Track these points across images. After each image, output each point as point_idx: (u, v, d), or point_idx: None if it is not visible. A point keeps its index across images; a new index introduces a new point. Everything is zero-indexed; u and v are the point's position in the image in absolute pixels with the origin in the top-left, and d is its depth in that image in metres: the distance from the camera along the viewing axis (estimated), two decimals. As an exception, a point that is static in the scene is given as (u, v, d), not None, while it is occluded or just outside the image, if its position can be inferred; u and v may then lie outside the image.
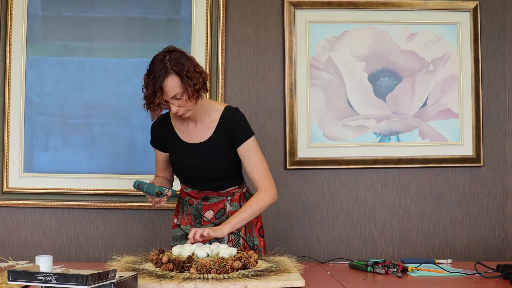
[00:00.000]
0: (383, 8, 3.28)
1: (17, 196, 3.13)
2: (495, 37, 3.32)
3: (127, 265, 2.06)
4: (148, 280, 1.86)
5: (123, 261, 2.12)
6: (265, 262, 2.13)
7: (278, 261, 2.14)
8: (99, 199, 3.15)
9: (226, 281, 1.85)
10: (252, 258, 2.04)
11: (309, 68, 3.24)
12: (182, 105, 2.28)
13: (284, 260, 2.16)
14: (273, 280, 1.88)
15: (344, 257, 3.15)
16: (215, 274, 1.91)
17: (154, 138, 2.53)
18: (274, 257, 2.23)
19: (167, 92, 2.23)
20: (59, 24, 3.18)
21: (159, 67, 2.24)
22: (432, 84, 3.29)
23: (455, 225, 3.28)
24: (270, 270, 1.99)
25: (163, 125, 2.48)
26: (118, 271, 1.76)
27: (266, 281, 1.87)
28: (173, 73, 2.23)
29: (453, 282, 2.07)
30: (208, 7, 3.19)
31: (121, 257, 2.16)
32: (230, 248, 2.09)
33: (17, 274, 1.62)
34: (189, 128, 2.44)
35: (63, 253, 3.14)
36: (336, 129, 3.25)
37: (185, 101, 2.27)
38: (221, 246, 2.12)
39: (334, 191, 3.25)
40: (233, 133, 2.39)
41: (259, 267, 2.03)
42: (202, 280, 1.86)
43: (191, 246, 2.10)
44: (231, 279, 1.88)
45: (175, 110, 2.28)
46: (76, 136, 3.17)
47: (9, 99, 3.15)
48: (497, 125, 3.31)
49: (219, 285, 1.84)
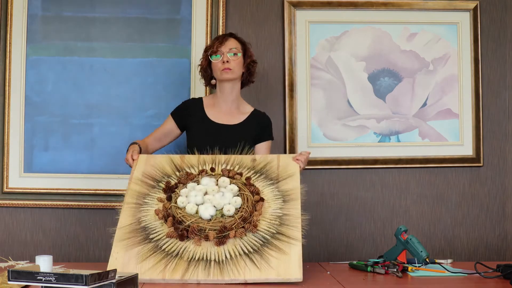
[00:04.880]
0: (383, 8, 3.28)
1: (17, 196, 3.13)
2: (495, 37, 3.32)
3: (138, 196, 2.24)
4: (151, 273, 1.97)
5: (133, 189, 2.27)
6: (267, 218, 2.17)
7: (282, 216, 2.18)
8: (99, 199, 3.15)
9: (227, 274, 1.96)
10: (255, 216, 2.12)
11: (309, 68, 3.24)
12: (234, 61, 2.59)
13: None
14: (272, 275, 1.97)
15: (344, 257, 3.15)
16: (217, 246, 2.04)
17: (179, 111, 2.72)
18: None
19: (227, 44, 2.59)
20: (59, 24, 3.18)
21: (226, 33, 2.69)
22: (432, 84, 3.29)
23: (455, 225, 3.28)
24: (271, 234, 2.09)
25: (195, 104, 2.72)
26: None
27: (265, 275, 1.97)
28: (237, 38, 2.66)
29: (453, 282, 2.07)
30: (208, 7, 3.19)
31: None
32: (234, 199, 2.18)
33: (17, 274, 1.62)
34: (221, 111, 2.68)
35: (63, 253, 3.14)
36: (336, 129, 3.25)
37: (238, 60, 2.60)
38: (227, 195, 2.17)
39: (334, 191, 3.25)
40: (262, 129, 2.69)
41: (261, 229, 2.11)
42: (204, 268, 1.98)
43: (196, 197, 2.18)
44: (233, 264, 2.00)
45: (227, 58, 2.57)
46: (76, 136, 3.16)
47: (9, 99, 3.15)
48: (497, 125, 3.31)
49: (220, 280, 1.95)
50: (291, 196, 2.23)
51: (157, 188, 2.29)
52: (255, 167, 2.35)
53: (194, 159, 2.40)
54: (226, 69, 2.59)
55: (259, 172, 2.34)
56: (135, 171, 2.35)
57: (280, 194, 2.24)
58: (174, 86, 3.15)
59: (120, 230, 2.13)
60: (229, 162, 2.36)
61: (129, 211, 2.20)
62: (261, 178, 2.30)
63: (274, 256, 2.02)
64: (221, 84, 2.66)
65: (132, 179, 2.32)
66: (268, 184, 2.28)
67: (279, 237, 2.09)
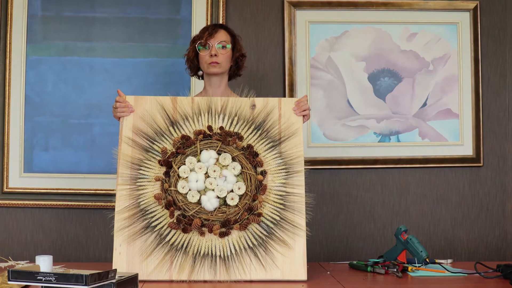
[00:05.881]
0: (383, 8, 3.28)
1: (17, 196, 3.13)
2: (495, 37, 3.32)
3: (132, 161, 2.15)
4: (159, 271, 1.98)
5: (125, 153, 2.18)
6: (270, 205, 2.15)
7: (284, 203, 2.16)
8: (99, 199, 3.15)
9: (233, 274, 1.98)
10: (258, 202, 2.10)
11: (309, 68, 3.24)
12: (223, 55, 2.49)
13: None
14: (277, 274, 2.00)
15: (344, 257, 3.15)
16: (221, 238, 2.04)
17: None
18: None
19: (217, 36, 2.49)
20: (59, 24, 3.18)
21: (216, 24, 2.58)
22: (432, 84, 3.29)
23: (455, 225, 3.28)
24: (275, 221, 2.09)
25: None
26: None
27: (270, 275, 1.99)
28: (227, 29, 2.55)
29: (453, 282, 2.07)
30: (208, 7, 3.19)
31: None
32: (238, 184, 2.11)
33: (17, 274, 1.62)
34: None
35: (63, 253, 3.14)
36: (336, 129, 3.25)
37: (226, 54, 2.50)
38: (230, 179, 2.12)
39: (334, 191, 3.25)
40: None
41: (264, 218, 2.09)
42: (210, 266, 1.99)
43: (197, 182, 2.11)
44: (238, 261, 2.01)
45: (215, 52, 2.47)
46: (76, 136, 3.17)
47: (9, 99, 3.15)
48: (497, 125, 3.31)
49: (227, 279, 1.97)
50: (294, 166, 2.15)
51: (151, 152, 2.16)
52: (255, 117, 2.21)
53: (187, 104, 2.21)
54: (214, 63, 2.49)
55: (259, 128, 2.20)
56: (124, 124, 2.19)
57: (283, 162, 2.16)
58: (174, 86, 3.15)
59: (119, 215, 2.06)
60: (226, 108, 2.21)
61: (126, 191, 2.09)
62: (262, 139, 2.18)
63: (279, 251, 2.03)
64: (209, 77, 2.56)
65: (122, 137, 2.17)
66: (270, 147, 2.17)
67: (283, 224, 2.08)
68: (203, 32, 2.52)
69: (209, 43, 2.49)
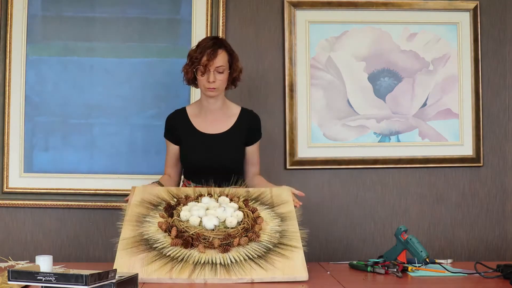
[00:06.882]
0: (383, 8, 3.28)
1: (17, 196, 3.13)
2: (495, 37, 3.32)
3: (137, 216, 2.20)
4: (160, 273, 1.96)
5: (133, 210, 2.23)
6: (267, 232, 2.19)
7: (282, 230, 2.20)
8: (99, 199, 3.15)
9: (234, 274, 1.97)
10: (257, 228, 2.14)
11: (309, 68, 3.24)
12: (220, 80, 2.48)
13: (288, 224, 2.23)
14: (278, 274, 1.99)
15: (344, 257, 3.15)
16: (222, 253, 2.04)
17: (168, 129, 2.64)
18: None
19: (216, 61, 2.45)
20: (59, 24, 3.18)
21: (215, 40, 2.49)
22: (432, 84, 3.29)
23: (455, 225, 3.28)
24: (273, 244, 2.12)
25: (179, 116, 2.62)
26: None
27: (272, 274, 1.99)
28: (226, 50, 2.50)
29: (453, 282, 2.07)
30: (208, 7, 3.19)
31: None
32: (236, 212, 2.18)
33: (17, 274, 1.62)
34: (207, 120, 2.59)
35: (63, 253, 3.14)
36: (336, 129, 3.25)
37: (223, 79, 2.49)
38: (228, 210, 2.18)
39: (334, 191, 3.25)
40: (253, 131, 2.63)
41: (263, 240, 2.12)
42: (210, 269, 1.98)
43: (199, 211, 2.17)
44: (239, 267, 2.00)
45: (213, 79, 2.45)
46: (76, 136, 3.17)
47: (9, 99, 3.15)
48: (497, 125, 3.31)
49: (228, 279, 1.96)
50: (287, 216, 2.25)
51: (157, 210, 2.25)
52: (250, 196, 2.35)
53: (190, 190, 2.37)
54: (211, 89, 2.49)
55: (254, 199, 2.34)
56: (133, 199, 2.30)
57: (277, 215, 2.26)
58: (174, 86, 3.15)
59: (123, 241, 2.11)
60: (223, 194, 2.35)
61: (131, 227, 2.17)
62: (257, 204, 2.31)
63: (278, 260, 2.04)
64: (206, 96, 2.57)
65: (131, 203, 2.27)
66: (264, 208, 2.29)
67: (281, 246, 2.11)
68: (202, 54, 2.46)
69: (208, 68, 2.46)
